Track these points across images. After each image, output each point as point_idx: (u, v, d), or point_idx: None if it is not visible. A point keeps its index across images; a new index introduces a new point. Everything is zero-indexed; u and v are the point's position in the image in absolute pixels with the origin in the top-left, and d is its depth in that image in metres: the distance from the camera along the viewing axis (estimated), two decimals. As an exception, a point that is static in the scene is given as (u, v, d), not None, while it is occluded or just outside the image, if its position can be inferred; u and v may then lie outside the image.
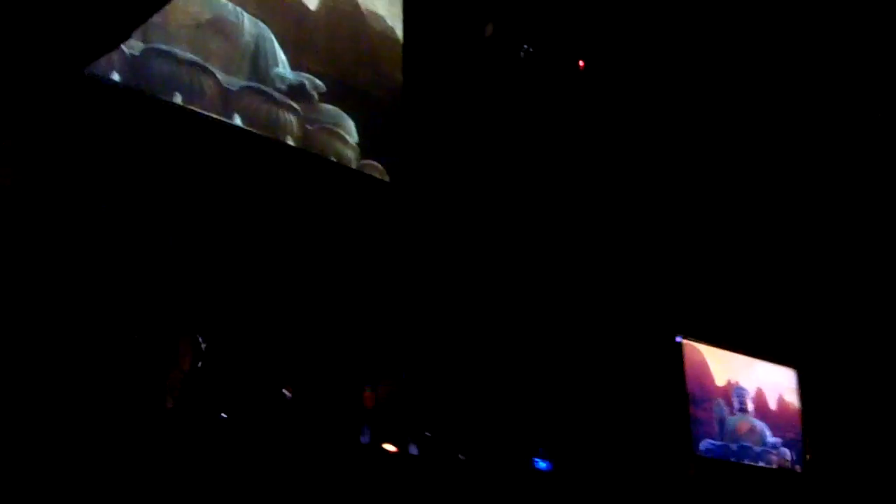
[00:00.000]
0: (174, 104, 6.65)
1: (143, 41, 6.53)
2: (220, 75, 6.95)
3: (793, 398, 9.53)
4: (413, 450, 6.34)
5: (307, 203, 7.32)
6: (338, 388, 6.87)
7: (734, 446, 8.93)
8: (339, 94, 7.72)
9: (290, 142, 7.32)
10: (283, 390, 6.33)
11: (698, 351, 8.97)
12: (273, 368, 6.56)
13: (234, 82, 7.04)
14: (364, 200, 7.68)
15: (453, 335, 7.92)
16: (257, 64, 7.25)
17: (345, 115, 7.70)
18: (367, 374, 7.16)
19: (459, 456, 6.69)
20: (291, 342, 6.93)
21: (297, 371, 6.64)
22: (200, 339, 5.66)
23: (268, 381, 6.43)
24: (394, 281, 7.73)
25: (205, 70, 6.87)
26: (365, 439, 6.20)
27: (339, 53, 7.86)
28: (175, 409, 5.34)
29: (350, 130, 7.73)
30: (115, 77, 6.36)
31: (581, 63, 9.30)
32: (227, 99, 6.97)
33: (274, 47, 7.39)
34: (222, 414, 5.61)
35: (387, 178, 7.83)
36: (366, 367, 7.20)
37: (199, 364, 5.62)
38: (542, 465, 7.49)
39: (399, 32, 8.28)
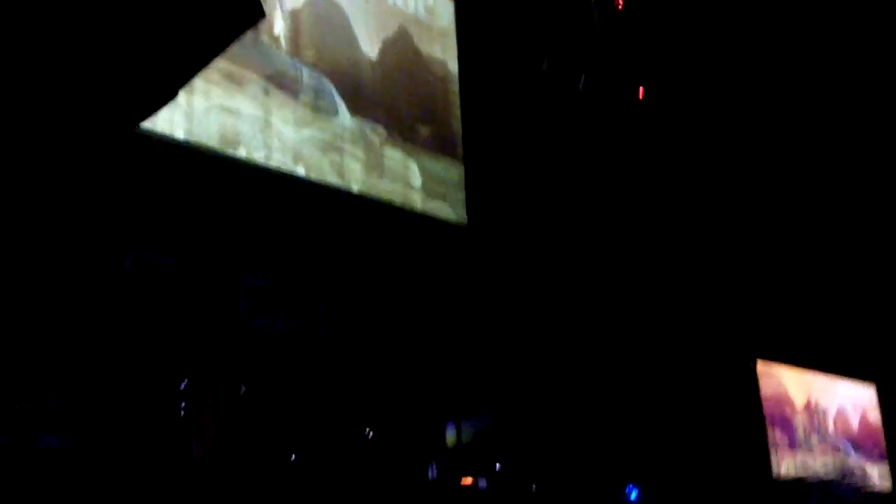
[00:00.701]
0: (239, 159, 6.83)
1: (205, 97, 6.72)
2: (282, 127, 7.12)
3: (874, 414, 9.37)
4: (482, 484, 6.41)
5: (376, 248, 7.41)
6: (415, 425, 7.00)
7: (816, 467, 8.81)
8: (401, 138, 7.81)
9: (355, 189, 7.43)
10: (366, 430, 6.48)
11: (774, 372, 8.89)
12: (350, 410, 6.70)
13: (295, 133, 7.20)
14: (431, 242, 7.75)
15: (532, 370, 7.95)
16: (318, 114, 7.40)
17: (408, 159, 7.79)
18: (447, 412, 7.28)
19: (532, 486, 6.73)
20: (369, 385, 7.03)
21: (373, 412, 6.77)
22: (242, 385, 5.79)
23: (344, 422, 6.59)
24: (470, 319, 7.79)
25: (267, 123, 7.04)
26: (433, 475, 6.30)
27: (397, 98, 7.92)
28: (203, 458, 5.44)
29: (414, 174, 7.86)
30: (180, 135, 6.54)
31: (641, 90, 9.34)
32: (290, 150, 7.13)
33: (333, 96, 7.50)
34: (292, 456, 5.76)
35: (452, 219, 7.90)
36: (444, 405, 7.32)
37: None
38: (633, 494, 7.48)
39: (455, 73, 8.36)
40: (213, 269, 6.46)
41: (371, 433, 6.51)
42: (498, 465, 6.68)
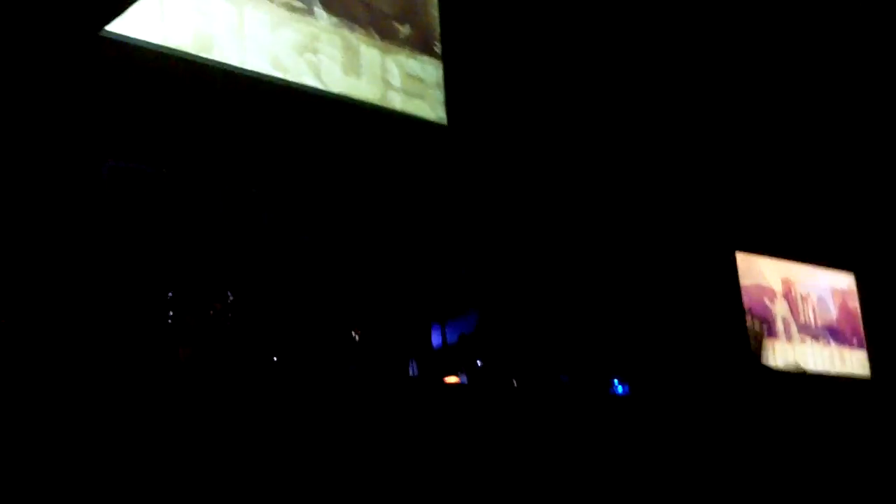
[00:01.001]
0: (213, 62, 6.74)
1: None
2: (257, 29, 6.97)
3: (853, 303, 9.51)
4: (463, 379, 6.53)
5: (356, 150, 7.40)
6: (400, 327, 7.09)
7: (795, 356, 8.95)
8: (379, 37, 7.67)
9: (334, 90, 7.30)
10: (352, 332, 6.57)
11: (753, 263, 8.97)
12: (338, 312, 6.78)
13: (271, 34, 7.02)
14: (412, 142, 7.73)
15: (515, 268, 8.02)
16: (293, 14, 7.23)
17: (386, 58, 7.67)
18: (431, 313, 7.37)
19: (513, 382, 6.85)
20: (354, 287, 7.10)
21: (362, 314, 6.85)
22: (228, 293, 5.86)
23: (334, 324, 6.67)
24: (453, 220, 7.83)
25: (241, 25, 6.90)
26: (413, 371, 6.41)
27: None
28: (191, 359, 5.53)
29: (392, 73, 7.74)
30: (154, 39, 6.40)
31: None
32: (266, 52, 6.99)
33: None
34: (273, 358, 5.86)
35: (432, 119, 7.84)
36: (428, 307, 7.40)
37: (228, 315, 5.81)
38: (619, 389, 7.61)
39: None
40: (191, 176, 6.48)
41: (357, 336, 6.59)
42: (479, 361, 6.78)
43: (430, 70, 7.99)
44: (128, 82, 6.27)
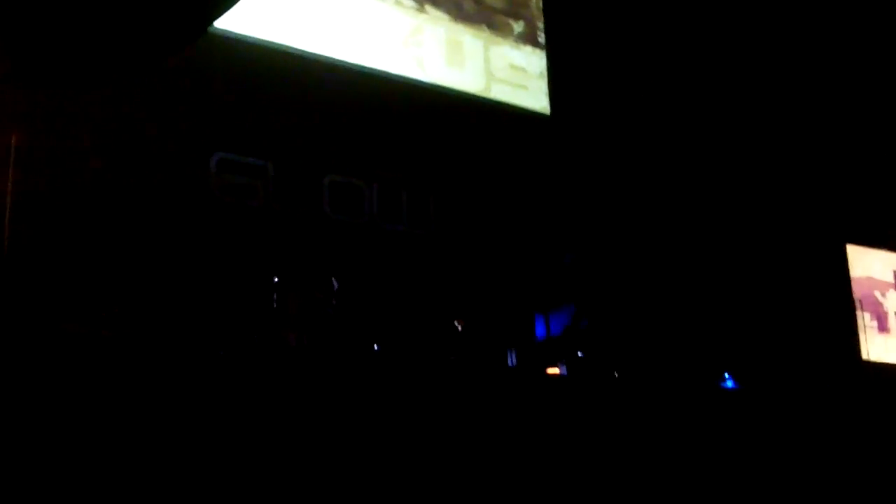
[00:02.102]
0: (317, 55, 6.88)
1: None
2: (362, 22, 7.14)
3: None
4: (563, 371, 6.52)
5: (459, 140, 7.44)
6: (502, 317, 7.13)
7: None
8: (484, 27, 7.75)
9: (437, 81, 7.40)
10: (455, 322, 6.63)
11: (864, 256, 8.78)
12: (441, 302, 6.86)
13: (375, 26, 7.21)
14: (514, 133, 7.73)
15: (620, 260, 7.98)
16: (399, 6, 7.33)
17: (490, 49, 7.75)
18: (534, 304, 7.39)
19: (614, 374, 6.82)
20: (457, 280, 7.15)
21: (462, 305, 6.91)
22: (333, 280, 5.97)
23: (436, 314, 6.75)
24: (554, 210, 7.82)
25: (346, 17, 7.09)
26: (511, 362, 6.44)
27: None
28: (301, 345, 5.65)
29: (496, 64, 7.79)
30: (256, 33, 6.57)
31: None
32: (370, 44, 7.15)
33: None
34: (375, 346, 5.95)
35: (535, 109, 7.85)
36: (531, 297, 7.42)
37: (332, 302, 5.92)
38: (729, 384, 7.54)
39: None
40: (296, 167, 6.62)
41: (460, 326, 6.64)
42: (580, 353, 6.77)
43: (534, 61, 8.00)
44: (236, 77, 6.44)
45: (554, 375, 6.61)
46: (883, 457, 7.20)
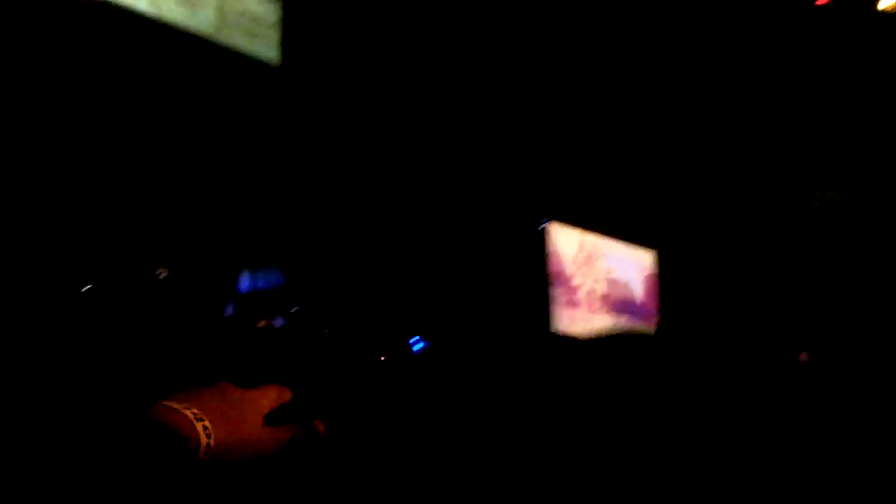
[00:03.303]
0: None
1: None
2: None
3: (652, 280, 9.93)
4: (277, 323, 6.46)
5: (182, 81, 7.18)
6: (211, 269, 6.95)
7: (594, 325, 9.27)
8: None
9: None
10: (157, 271, 6.39)
11: (559, 232, 9.21)
12: (146, 251, 6.58)
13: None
14: (241, 79, 7.54)
15: (327, 219, 7.96)
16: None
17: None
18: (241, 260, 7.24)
19: (324, 331, 6.83)
20: (165, 226, 6.90)
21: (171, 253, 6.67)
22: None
23: (141, 262, 6.47)
24: (273, 163, 7.70)
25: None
26: (229, 312, 6.31)
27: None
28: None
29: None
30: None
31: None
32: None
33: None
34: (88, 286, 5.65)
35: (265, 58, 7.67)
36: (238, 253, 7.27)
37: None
38: (419, 346, 7.71)
39: None
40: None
41: (162, 275, 6.42)
42: (294, 308, 6.73)
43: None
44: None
45: (262, 326, 6.54)
46: (563, 421, 7.65)
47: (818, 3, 9.59)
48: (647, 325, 9.69)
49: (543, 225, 9.15)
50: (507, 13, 9.42)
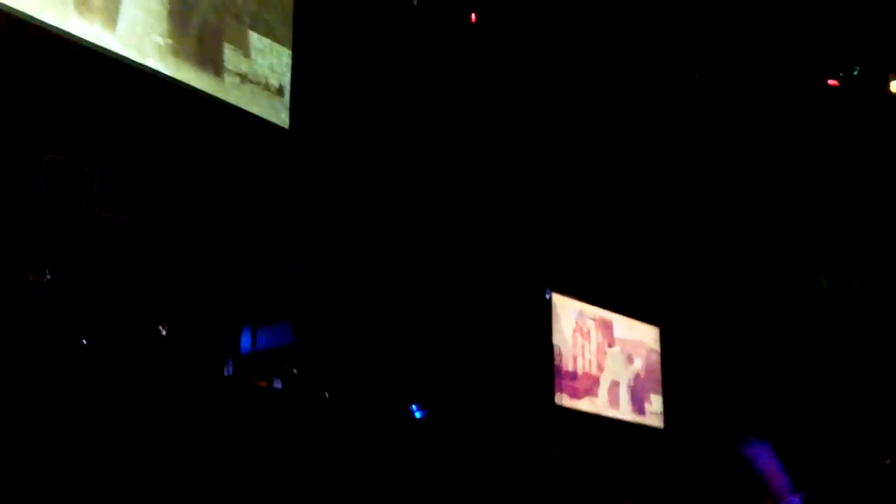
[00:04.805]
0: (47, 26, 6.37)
1: None
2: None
3: (655, 356, 9.89)
4: (277, 384, 6.43)
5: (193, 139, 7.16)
6: (212, 326, 6.91)
7: (601, 399, 9.22)
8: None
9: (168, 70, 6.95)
10: (159, 326, 6.35)
11: (565, 305, 9.21)
12: (149, 305, 6.54)
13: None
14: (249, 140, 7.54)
15: (334, 280, 7.93)
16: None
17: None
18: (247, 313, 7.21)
19: (325, 394, 6.79)
20: (170, 281, 6.85)
21: (173, 308, 6.62)
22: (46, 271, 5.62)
23: (142, 316, 6.43)
24: (274, 222, 7.67)
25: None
26: (228, 371, 6.27)
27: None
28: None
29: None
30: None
31: (473, 16, 9.38)
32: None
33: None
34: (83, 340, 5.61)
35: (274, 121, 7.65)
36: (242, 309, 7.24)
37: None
38: (418, 413, 7.66)
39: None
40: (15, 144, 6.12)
41: (164, 330, 6.39)
42: (294, 370, 6.70)
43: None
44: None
45: (262, 386, 6.51)
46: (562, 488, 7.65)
47: (830, 83, 9.68)
48: (649, 404, 9.65)
49: (548, 296, 9.14)
50: (517, 83, 9.52)
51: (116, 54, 6.59)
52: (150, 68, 6.80)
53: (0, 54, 6.01)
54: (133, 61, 6.70)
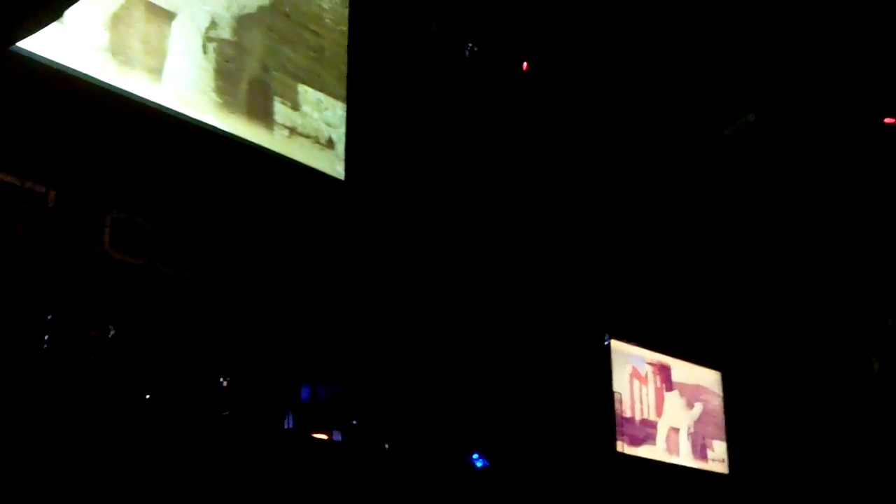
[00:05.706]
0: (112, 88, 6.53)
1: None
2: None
3: (717, 401, 9.79)
4: (337, 437, 6.44)
5: (248, 195, 7.26)
6: (272, 377, 6.95)
7: (659, 445, 9.13)
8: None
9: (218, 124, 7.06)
10: (220, 378, 6.41)
11: (625, 351, 9.17)
12: (210, 358, 6.61)
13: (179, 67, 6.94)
14: (304, 193, 7.62)
15: (393, 331, 7.95)
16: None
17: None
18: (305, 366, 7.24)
19: (385, 445, 6.79)
20: (231, 334, 6.92)
21: (233, 361, 6.68)
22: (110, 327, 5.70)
23: (203, 368, 6.50)
24: (332, 274, 7.73)
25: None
26: (289, 424, 6.30)
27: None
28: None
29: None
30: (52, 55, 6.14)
31: (525, 64, 9.44)
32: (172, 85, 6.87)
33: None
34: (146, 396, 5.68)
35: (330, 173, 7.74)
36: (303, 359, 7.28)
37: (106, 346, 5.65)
38: (479, 462, 7.64)
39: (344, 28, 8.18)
40: (78, 202, 6.24)
41: (225, 382, 6.44)
42: (354, 421, 6.71)
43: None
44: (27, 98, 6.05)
45: (321, 438, 6.53)
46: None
47: (887, 121, 9.60)
48: (711, 451, 9.54)
49: (607, 342, 9.10)
50: (571, 128, 9.57)
51: (173, 111, 6.75)
52: (206, 123, 6.96)
53: (61, 115, 6.17)
54: (188, 117, 6.87)
